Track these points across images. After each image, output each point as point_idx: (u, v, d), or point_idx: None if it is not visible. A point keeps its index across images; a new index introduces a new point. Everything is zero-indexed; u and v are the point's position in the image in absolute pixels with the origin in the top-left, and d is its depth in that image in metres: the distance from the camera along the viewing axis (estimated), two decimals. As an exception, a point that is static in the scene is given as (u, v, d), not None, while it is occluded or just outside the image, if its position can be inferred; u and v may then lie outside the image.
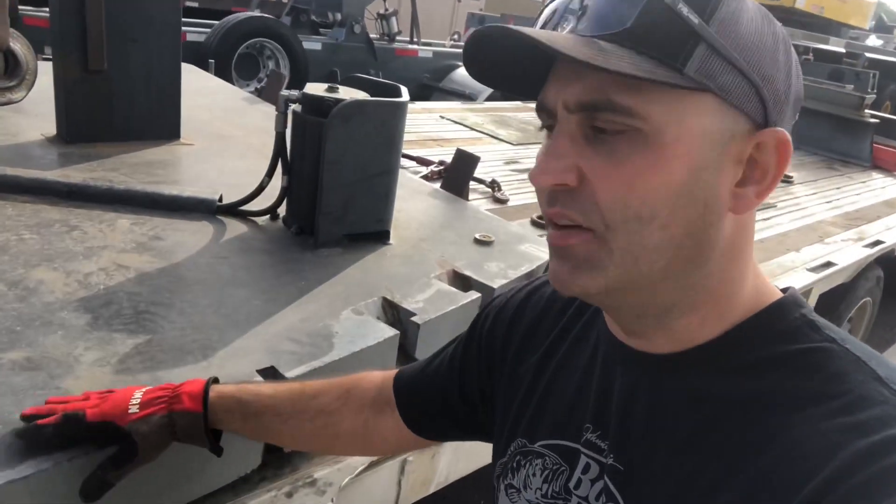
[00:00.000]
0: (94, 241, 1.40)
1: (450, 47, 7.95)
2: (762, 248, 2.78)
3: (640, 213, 0.49)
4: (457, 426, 0.81)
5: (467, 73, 0.57)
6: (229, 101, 2.83)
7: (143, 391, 0.83)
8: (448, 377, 0.79)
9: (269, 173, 1.62)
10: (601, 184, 0.50)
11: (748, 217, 0.54)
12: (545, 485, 0.64)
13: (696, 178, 0.49)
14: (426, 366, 0.83)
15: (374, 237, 1.61)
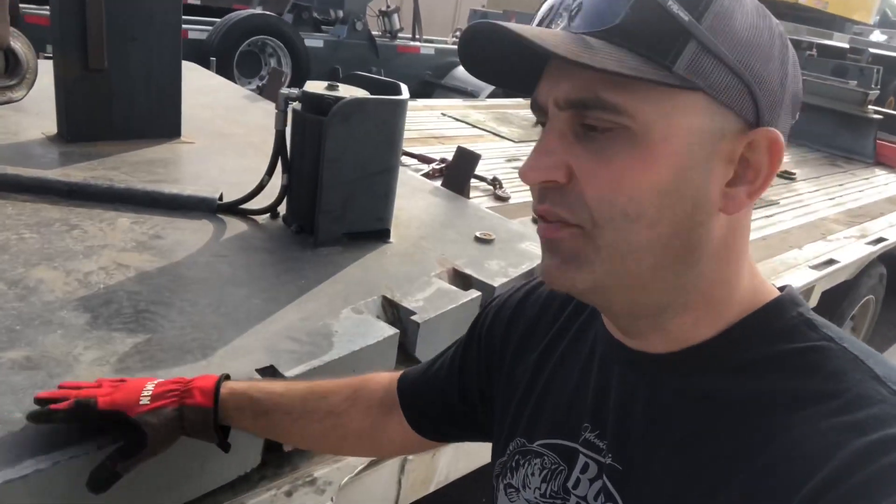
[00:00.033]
0: (95, 240, 1.40)
1: (452, 44, 7.93)
2: (764, 244, 2.77)
3: (626, 211, 0.49)
4: (457, 427, 0.81)
5: (464, 69, 0.57)
6: (230, 99, 2.83)
7: (155, 383, 0.84)
8: (448, 378, 0.80)
9: (269, 172, 1.62)
10: (589, 181, 0.50)
11: (742, 217, 0.53)
12: (544, 484, 0.63)
13: (684, 177, 0.49)
14: (429, 367, 0.83)
15: (375, 235, 1.61)
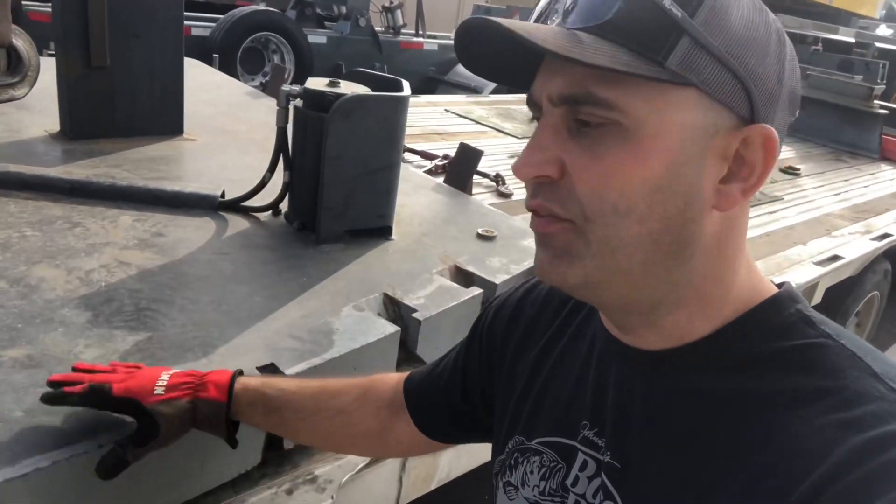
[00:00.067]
0: (96, 238, 1.40)
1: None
2: (768, 241, 2.76)
3: (617, 206, 0.49)
4: (462, 427, 0.81)
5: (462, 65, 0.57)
6: (233, 96, 2.83)
7: (170, 373, 0.84)
8: (452, 379, 0.80)
9: (271, 169, 1.62)
10: (581, 176, 0.50)
11: (737, 214, 0.53)
12: (542, 482, 0.63)
13: (675, 173, 0.49)
14: (433, 368, 0.84)
15: (376, 233, 1.61)
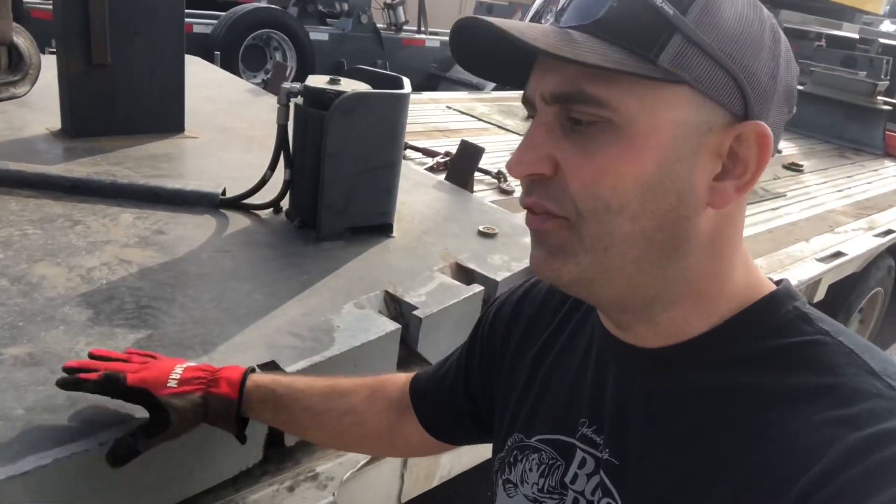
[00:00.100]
0: (97, 236, 1.40)
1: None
2: (771, 237, 2.75)
3: (609, 204, 0.49)
4: (466, 427, 0.81)
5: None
6: (234, 94, 2.83)
7: (184, 366, 0.86)
8: (456, 379, 0.80)
9: (272, 166, 1.61)
10: (573, 174, 0.50)
11: (733, 211, 0.53)
12: (541, 479, 0.64)
13: (667, 171, 0.49)
14: (438, 369, 0.84)
15: (377, 230, 1.61)
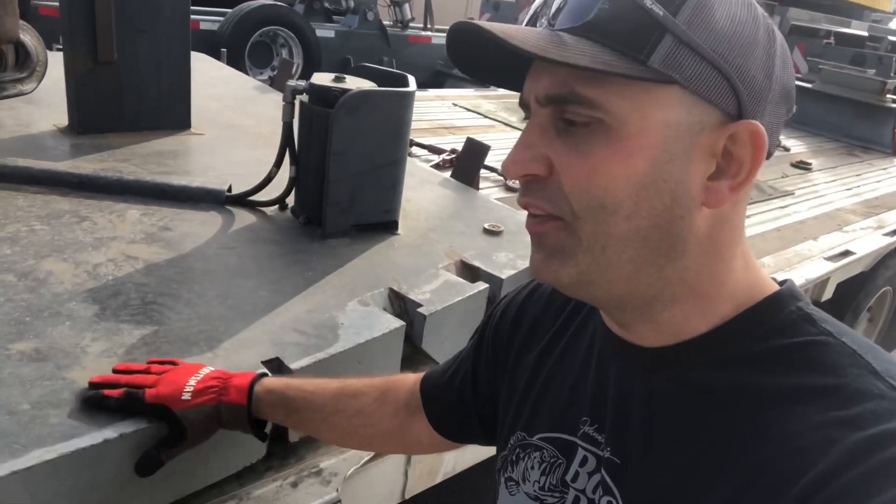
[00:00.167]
0: (104, 232, 1.41)
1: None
2: (779, 236, 2.74)
3: (603, 204, 0.50)
4: (474, 426, 0.82)
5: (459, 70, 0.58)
6: (240, 91, 2.83)
7: (198, 377, 0.88)
8: (463, 379, 0.81)
9: (277, 164, 1.62)
10: (567, 174, 0.50)
11: (730, 211, 0.53)
12: (543, 477, 0.64)
13: (659, 171, 0.49)
14: (447, 368, 0.85)
15: (382, 227, 1.61)
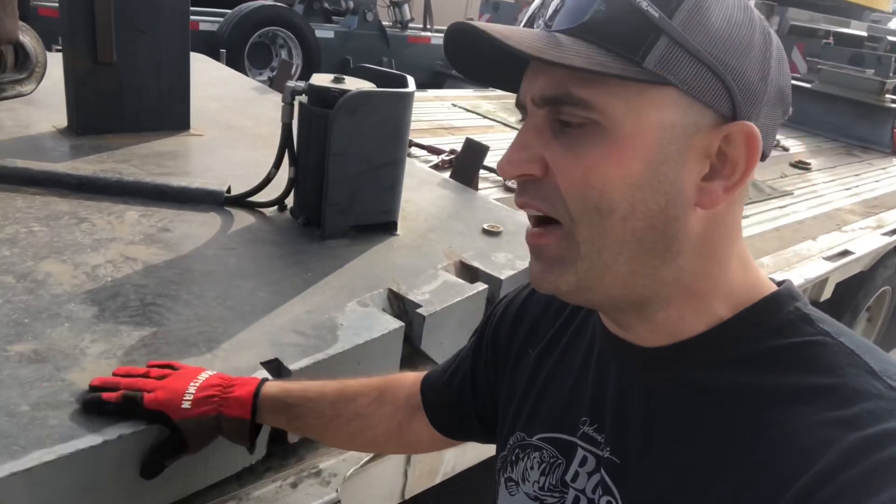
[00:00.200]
0: (103, 234, 1.41)
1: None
2: (778, 235, 2.74)
3: (599, 206, 0.50)
4: (474, 426, 0.82)
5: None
6: (239, 91, 2.83)
7: (197, 383, 0.87)
8: (463, 378, 0.81)
9: (276, 165, 1.62)
10: (562, 175, 0.51)
11: (724, 212, 0.53)
12: (542, 477, 0.64)
13: (654, 172, 0.49)
14: (447, 367, 0.85)
15: (381, 228, 1.61)
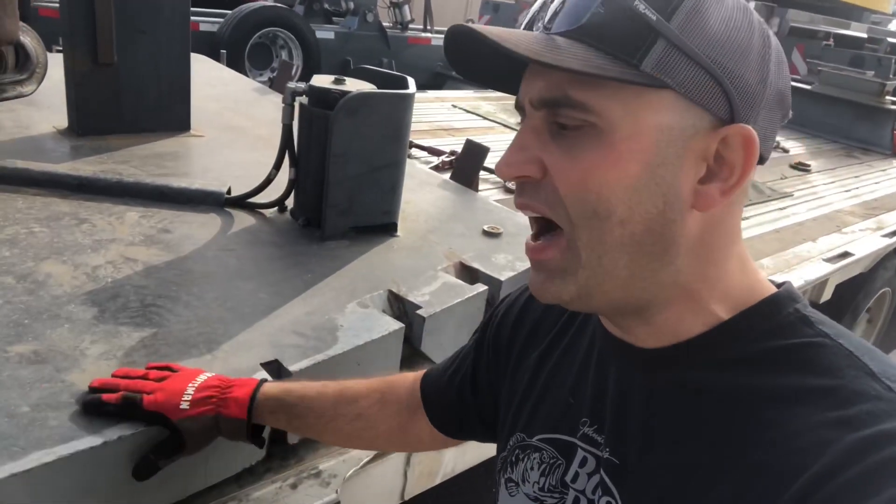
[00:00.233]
0: (103, 234, 1.41)
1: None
2: (778, 237, 2.75)
3: (596, 209, 0.50)
4: (475, 425, 0.82)
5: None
6: (240, 92, 2.83)
7: (195, 385, 0.87)
8: (463, 378, 0.82)
9: (277, 166, 1.62)
10: (560, 178, 0.51)
11: (721, 214, 0.53)
12: (542, 478, 0.64)
13: (652, 175, 0.49)
14: (448, 366, 0.85)
15: (382, 229, 1.61)
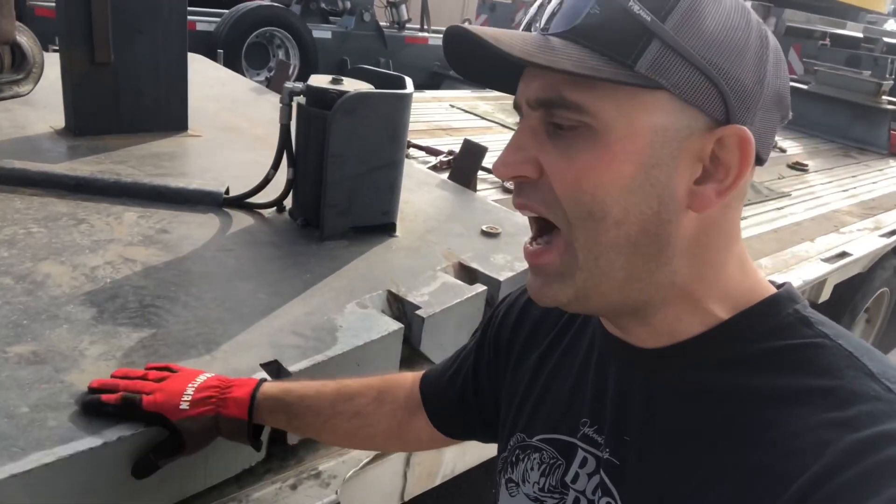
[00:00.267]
0: (101, 235, 1.40)
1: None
2: (776, 237, 2.75)
3: (592, 210, 0.50)
4: (475, 425, 0.82)
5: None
6: (237, 92, 2.83)
7: (195, 386, 0.87)
8: (465, 378, 0.82)
9: (275, 166, 1.61)
10: (556, 178, 0.51)
11: (720, 215, 0.53)
12: (542, 478, 0.64)
13: (646, 175, 0.49)
14: (448, 366, 0.85)
15: (380, 229, 1.61)
